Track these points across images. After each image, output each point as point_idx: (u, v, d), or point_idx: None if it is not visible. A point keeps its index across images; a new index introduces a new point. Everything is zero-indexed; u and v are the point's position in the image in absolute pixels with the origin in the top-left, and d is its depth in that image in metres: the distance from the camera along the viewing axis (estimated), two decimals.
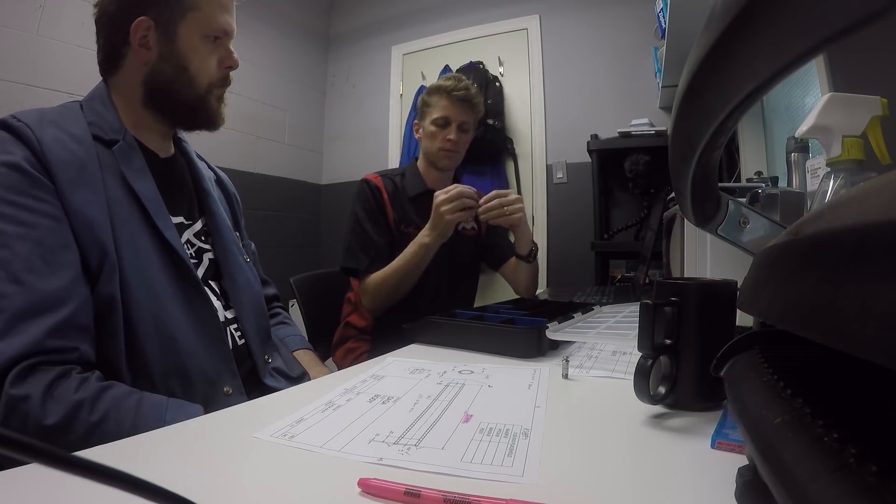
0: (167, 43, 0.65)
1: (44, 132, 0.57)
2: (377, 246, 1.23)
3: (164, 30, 0.65)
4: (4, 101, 1.66)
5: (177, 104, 0.68)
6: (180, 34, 0.65)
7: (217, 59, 0.69)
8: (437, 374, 0.55)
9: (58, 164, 0.56)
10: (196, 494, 0.17)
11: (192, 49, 0.66)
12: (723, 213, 0.50)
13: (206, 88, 0.69)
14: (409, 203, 1.30)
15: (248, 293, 0.75)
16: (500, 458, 0.33)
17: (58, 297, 0.51)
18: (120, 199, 0.60)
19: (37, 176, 0.54)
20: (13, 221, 0.52)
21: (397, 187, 1.31)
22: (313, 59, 3.11)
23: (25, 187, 0.53)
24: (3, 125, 0.57)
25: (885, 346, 0.11)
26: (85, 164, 0.58)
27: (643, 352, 0.40)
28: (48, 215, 0.54)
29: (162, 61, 0.65)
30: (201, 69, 0.68)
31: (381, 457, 0.33)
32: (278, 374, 0.75)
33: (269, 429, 0.38)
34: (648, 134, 2.07)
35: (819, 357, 0.23)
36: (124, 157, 0.63)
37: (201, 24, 0.66)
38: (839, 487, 0.12)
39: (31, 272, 0.51)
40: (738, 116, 0.22)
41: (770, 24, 0.13)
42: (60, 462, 0.13)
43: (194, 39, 0.66)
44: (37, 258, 0.51)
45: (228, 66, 0.71)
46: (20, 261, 0.50)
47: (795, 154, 0.98)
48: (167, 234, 0.62)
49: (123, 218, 0.59)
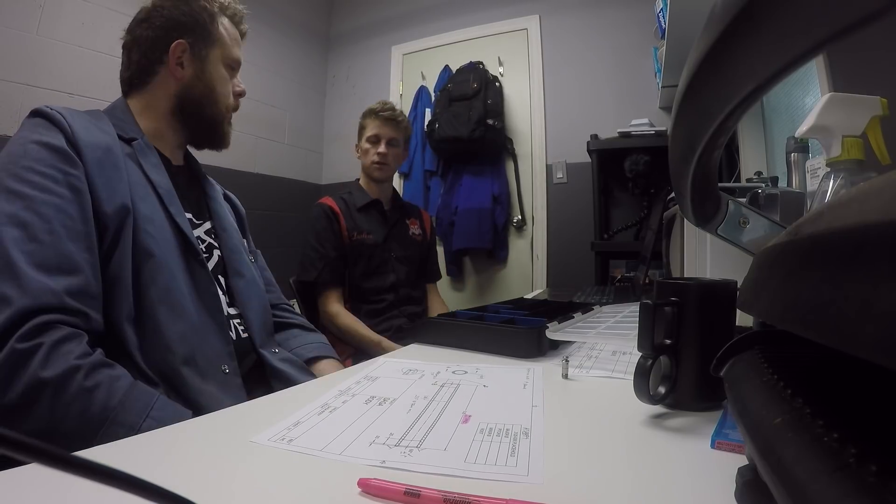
0: (200, 65, 0.76)
1: (74, 120, 0.63)
2: (326, 259, 1.45)
3: (197, 54, 0.75)
4: (4, 101, 1.66)
5: (202, 119, 0.78)
6: (210, 60, 0.76)
7: (231, 87, 0.80)
8: (430, 374, 0.55)
9: (86, 146, 0.61)
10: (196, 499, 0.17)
11: (219, 74, 0.78)
12: (723, 213, 0.50)
13: (226, 109, 0.79)
14: (357, 213, 1.53)
15: (254, 288, 0.80)
16: (504, 458, 0.33)
17: (74, 261, 0.54)
18: (139, 182, 0.66)
19: (67, 152, 0.60)
20: (39, 188, 0.56)
21: (347, 203, 1.55)
22: (313, 59, 3.10)
23: (54, 161, 0.58)
24: (37, 113, 0.63)
25: (885, 346, 0.11)
26: (111, 148, 0.64)
27: (643, 352, 0.40)
28: (72, 188, 0.58)
29: (195, 80, 0.76)
30: (223, 93, 0.79)
31: (383, 459, 0.33)
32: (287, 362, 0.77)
33: (266, 433, 0.38)
34: (648, 134, 2.07)
35: (819, 357, 0.23)
36: (142, 152, 0.70)
37: (223, 54, 0.78)
38: (839, 487, 0.12)
39: (51, 234, 0.54)
40: (738, 116, 0.22)
41: (770, 25, 0.13)
42: (60, 462, 0.13)
43: (219, 65, 0.78)
44: (57, 223, 0.55)
45: (238, 93, 0.82)
46: (41, 223, 0.54)
47: (795, 154, 0.98)
48: (178, 220, 0.68)
49: (142, 196, 0.65)
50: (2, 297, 0.49)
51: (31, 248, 0.52)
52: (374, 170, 1.55)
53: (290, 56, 2.90)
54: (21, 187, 0.56)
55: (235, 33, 0.81)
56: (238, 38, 0.81)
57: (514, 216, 2.58)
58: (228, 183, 0.97)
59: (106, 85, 1.65)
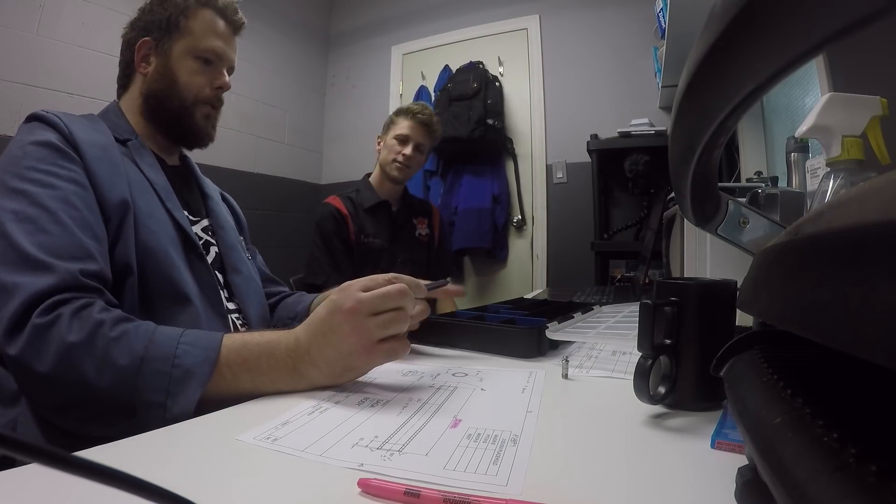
0: (163, 59, 0.75)
1: (70, 121, 0.64)
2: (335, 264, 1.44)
3: (161, 49, 0.75)
4: (4, 101, 1.66)
5: (167, 113, 0.76)
6: (174, 52, 0.75)
7: (208, 79, 0.78)
8: (429, 376, 0.54)
9: (83, 143, 0.62)
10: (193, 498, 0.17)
11: (182, 65, 0.76)
12: (723, 213, 0.50)
13: (191, 101, 0.77)
14: (365, 215, 1.50)
15: (251, 284, 0.82)
16: (485, 466, 0.32)
17: (85, 248, 0.55)
18: (137, 180, 0.66)
19: (65, 150, 0.60)
20: (42, 185, 0.57)
21: (354, 203, 1.51)
22: (313, 59, 3.10)
23: (55, 158, 0.59)
24: (33, 117, 0.64)
25: (885, 346, 0.11)
26: (107, 147, 0.65)
27: (643, 352, 0.40)
28: (75, 182, 0.59)
29: (157, 74, 0.75)
30: (189, 83, 0.76)
31: (361, 462, 0.32)
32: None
33: (252, 431, 0.38)
34: (648, 134, 2.07)
35: (819, 357, 0.23)
36: (137, 152, 0.71)
37: (192, 46, 0.76)
38: (839, 487, 0.12)
39: (59, 224, 0.55)
40: (738, 116, 0.22)
41: (770, 25, 0.13)
42: (60, 462, 0.13)
43: (185, 58, 0.76)
44: (64, 214, 0.55)
45: (219, 86, 0.79)
46: (48, 215, 0.54)
47: (795, 154, 0.98)
48: (176, 215, 0.68)
49: (140, 193, 0.65)
50: (17, 282, 0.50)
51: (42, 239, 0.53)
52: (395, 168, 1.51)
53: (290, 56, 2.90)
54: (24, 185, 0.56)
55: (217, 24, 0.78)
56: (218, 28, 0.78)
57: (514, 216, 2.58)
58: (228, 183, 0.97)
59: (106, 85, 1.65)
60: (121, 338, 0.48)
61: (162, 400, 0.46)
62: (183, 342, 0.49)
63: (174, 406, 0.46)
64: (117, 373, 0.47)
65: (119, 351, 0.47)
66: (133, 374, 0.47)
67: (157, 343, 0.48)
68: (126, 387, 0.46)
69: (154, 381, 0.46)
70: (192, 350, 0.48)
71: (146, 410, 0.46)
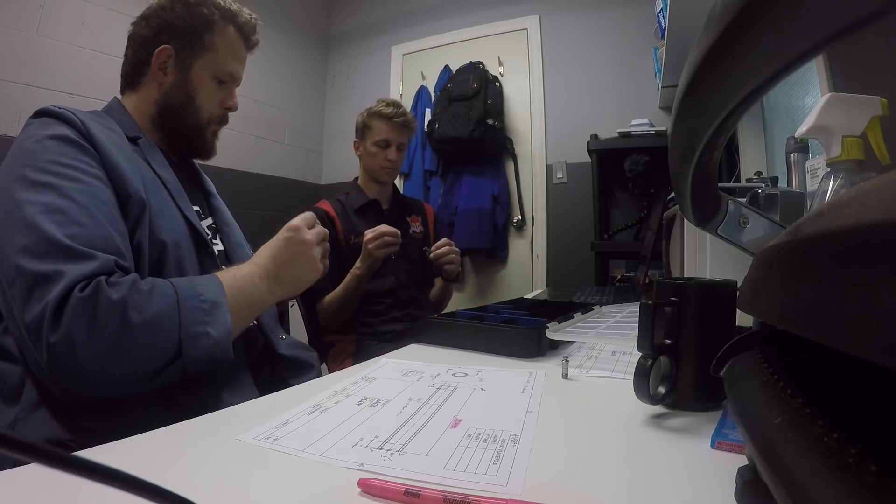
0: (183, 73, 0.74)
1: (83, 116, 0.64)
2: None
3: (182, 61, 0.74)
4: (4, 101, 1.66)
5: (181, 129, 0.77)
6: (195, 69, 0.75)
7: (220, 99, 0.79)
8: (430, 376, 0.54)
9: (101, 140, 0.62)
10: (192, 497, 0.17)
11: (202, 84, 0.76)
12: (723, 213, 0.50)
13: (206, 120, 0.78)
14: (354, 215, 1.51)
15: None
16: (486, 466, 0.32)
17: (114, 243, 0.56)
18: (149, 178, 0.67)
19: (84, 145, 0.61)
20: (68, 178, 0.57)
21: (343, 205, 1.53)
22: (313, 59, 3.10)
23: (76, 153, 0.59)
24: (44, 112, 0.63)
25: (885, 346, 0.11)
26: (122, 145, 0.66)
27: (643, 352, 0.40)
28: (97, 177, 0.59)
29: (175, 87, 0.75)
30: (205, 102, 0.77)
31: (362, 462, 0.32)
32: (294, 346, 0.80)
33: (252, 431, 0.38)
34: (648, 134, 2.07)
35: (819, 357, 0.23)
36: (148, 150, 0.71)
37: (213, 66, 0.76)
38: (839, 487, 0.12)
39: (91, 217, 0.55)
40: (738, 116, 0.22)
41: (770, 24, 0.13)
42: (60, 462, 0.13)
43: (205, 76, 0.76)
44: (94, 208, 0.56)
45: (228, 107, 0.80)
46: (79, 208, 0.55)
47: (795, 154, 0.98)
48: (188, 213, 0.69)
49: (153, 191, 0.66)
50: (59, 269, 0.51)
51: (75, 231, 0.53)
52: (383, 174, 1.53)
53: (290, 56, 2.90)
54: (49, 178, 0.56)
55: (238, 45, 0.78)
56: (239, 50, 0.79)
57: (514, 216, 2.58)
58: (229, 183, 0.97)
59: (106, 85, 1.65)
60: (153, 290, 0.55)
61: (203, 329, 0.56)
62: (196, 283, 0.59)
63: (214, 331, 0.56)
64: (160, 317, 0.53)
65: (157, 299, 0.54)
66: (174, 315, 0.54)
67: (180, 287, 0.57)
68: (170, 329, 0.54)
69: (193, 315, 0.55)
70: (207, 285, 0.59)
71: (194, 341, 0.55)
